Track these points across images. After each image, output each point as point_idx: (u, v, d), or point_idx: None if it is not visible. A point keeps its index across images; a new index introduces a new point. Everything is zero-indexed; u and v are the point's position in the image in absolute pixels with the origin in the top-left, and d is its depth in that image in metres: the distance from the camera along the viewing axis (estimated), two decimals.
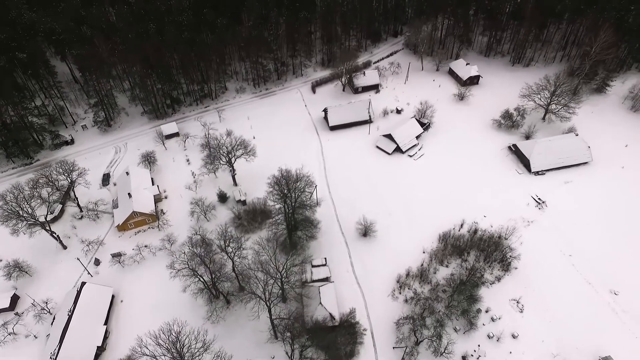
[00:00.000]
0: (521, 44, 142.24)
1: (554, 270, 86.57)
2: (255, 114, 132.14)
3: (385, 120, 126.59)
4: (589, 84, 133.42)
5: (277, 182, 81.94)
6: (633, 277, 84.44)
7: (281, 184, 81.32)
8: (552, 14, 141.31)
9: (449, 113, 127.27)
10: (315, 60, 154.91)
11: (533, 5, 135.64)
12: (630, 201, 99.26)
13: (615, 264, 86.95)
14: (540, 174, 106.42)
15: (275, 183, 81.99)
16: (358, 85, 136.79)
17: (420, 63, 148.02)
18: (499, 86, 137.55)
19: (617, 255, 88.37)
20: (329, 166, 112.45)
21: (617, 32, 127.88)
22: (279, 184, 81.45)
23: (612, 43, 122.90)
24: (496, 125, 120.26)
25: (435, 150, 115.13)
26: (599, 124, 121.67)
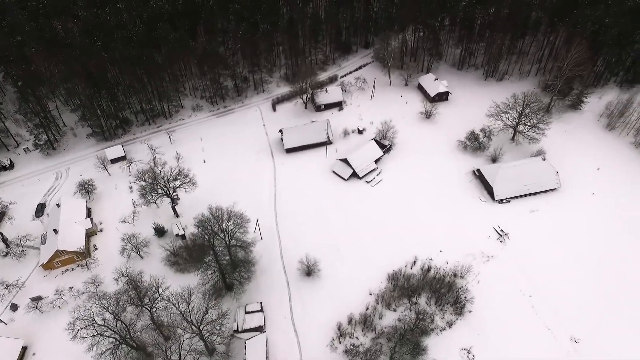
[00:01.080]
0: (494, 57, 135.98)
1: (512, 313, 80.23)
2: (210, 135, 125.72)
3: (345, 141, 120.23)
4: (563, 100, 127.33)
5: (202, 223, 75.38)
6: (597, 321, 78.23)
7: (206, 226, 74.73)
8: (525, 26, 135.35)
9: (413, 133, 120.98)
10: (280, 75, 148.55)
11: (504, 18, 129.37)
12: (598, 233, 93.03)
13: (579, 306, 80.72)
14: (505, 202, 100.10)
15: (200, 224, 75.43)
16: (320, 102, 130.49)
17: (388, 78, 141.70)
18: (469, 103, 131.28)
19: (581, 296, 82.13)
20: (280, 193, 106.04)
21: (591, 47, 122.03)
22: (203, 225, 74.89)
23: (585, 59, 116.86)
24: (462, 147, 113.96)
25: (394, 175, 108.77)
26: (571, 143, 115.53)
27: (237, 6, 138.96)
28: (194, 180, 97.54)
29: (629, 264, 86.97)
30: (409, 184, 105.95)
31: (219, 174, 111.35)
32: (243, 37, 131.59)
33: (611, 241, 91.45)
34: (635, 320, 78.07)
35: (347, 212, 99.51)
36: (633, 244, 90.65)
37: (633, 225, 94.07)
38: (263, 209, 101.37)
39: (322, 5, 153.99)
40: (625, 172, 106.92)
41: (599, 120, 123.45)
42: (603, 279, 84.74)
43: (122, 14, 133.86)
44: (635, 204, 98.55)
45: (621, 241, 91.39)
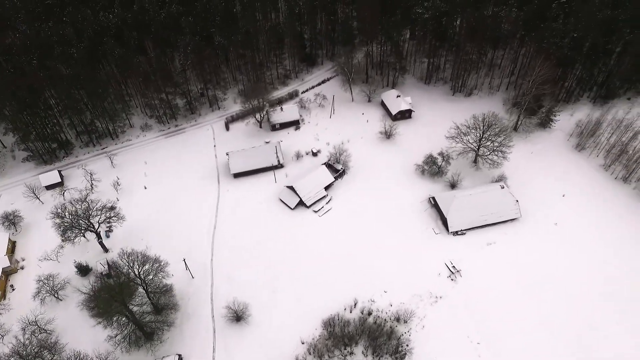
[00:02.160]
0: (460, 71, 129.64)
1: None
2: (156, 157, 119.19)
3: (298, 164, 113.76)
4: (531, 118, 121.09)
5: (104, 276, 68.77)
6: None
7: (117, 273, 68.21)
8: (494, 39, 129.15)
9: (371, 155, 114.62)
10: (238, 90, 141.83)
11: (470, 31, 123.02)
12: (558, 269, 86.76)
13: (531, 356, 74.23)
14: (460, 234, 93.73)
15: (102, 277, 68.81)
16: (275, 122, 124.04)
17: (350, 94, 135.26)
18: (433, 121, 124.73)
19: (535, 344, 75.70)
20: (220, 223, 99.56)
21: (558, 63, 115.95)
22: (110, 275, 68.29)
23: (551, 77, 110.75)
24: (419, 172, 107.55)
25: (345, 203, 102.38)
26: (537, 167, 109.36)
27: (190, 19, 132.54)
28: (121, 215, 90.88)
29: (592, 306, 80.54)
30: (359, 213, 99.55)
31: (158, 202, 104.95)
32: (194, 52, 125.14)
33: (572, 278, 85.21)
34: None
35: (289, 246, 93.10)
36: (595, 282, 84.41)
37: (597, 261, 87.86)
38: (200, 242, 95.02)
39: (282, 18, 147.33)
40: (592, 198, 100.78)
41: (568, 140, 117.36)
42: (557, 323, 78.40)
43: (67, 28, 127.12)
44: (600, 235, 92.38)
45: (583, 279, 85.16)
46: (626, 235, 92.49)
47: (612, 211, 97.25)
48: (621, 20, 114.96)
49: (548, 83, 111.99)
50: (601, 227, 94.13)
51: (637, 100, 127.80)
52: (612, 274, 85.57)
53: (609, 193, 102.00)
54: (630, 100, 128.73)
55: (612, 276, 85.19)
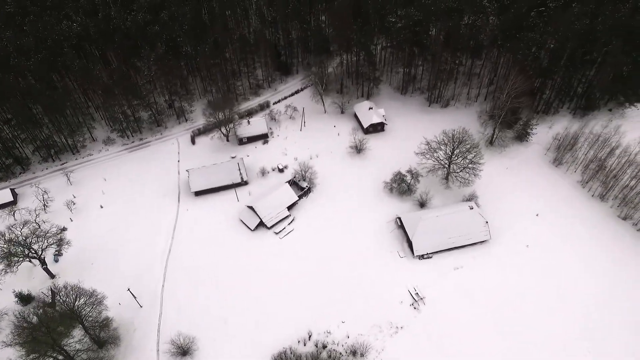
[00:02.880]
0: (434, 83, 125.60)
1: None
2: (117, 173, 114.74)
3: (263, 181, 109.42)
4: (508, 131, 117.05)
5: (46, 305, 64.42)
6: None
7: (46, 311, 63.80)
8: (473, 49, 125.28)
9: (339, 171, 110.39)
10: (207, 101, 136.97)
11: (443, 41, 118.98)
12: (529, 295, 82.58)
13: None
14: (426, 258, 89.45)
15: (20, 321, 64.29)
16: (242, 135, 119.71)
17: (322, 105, 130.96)
18: (407, 134, 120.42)
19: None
20: (176, 246, 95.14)
21: (533, 75, 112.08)
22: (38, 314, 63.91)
23: (526, 90, 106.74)
24: (388, 190, 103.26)
25: (309, 224, 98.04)
26: (511, 183, 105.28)
27: (157, 28, 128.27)
28: (67, 240, 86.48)
29: (565, 335, 76.31)
30: (322, 235, 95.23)
31: (114, 222, 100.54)
32: (158, 63, 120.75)
33: (543, 305, 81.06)
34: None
35: (245, 271, 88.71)
36: (568, 309, 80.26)
37: (570, 286, 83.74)
38: (152, 266, 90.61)
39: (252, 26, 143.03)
40: (567, 218, 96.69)
41: (546, 154, 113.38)
42: (532, 356, 74.14)
43: (26, 38, 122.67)
44: (573, 258, 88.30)
45: (555, 305, 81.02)
46: (601, 258, 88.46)
47: (587, 232, 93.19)
48: (599, 31, 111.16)
49: (523, 96, 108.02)
50: (575, 250, 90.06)
51: (618, 112, 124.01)
52: (586, 300, 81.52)
53: (585, 212, 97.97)
54: (611, 111, 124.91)
55: (586, 302, 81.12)
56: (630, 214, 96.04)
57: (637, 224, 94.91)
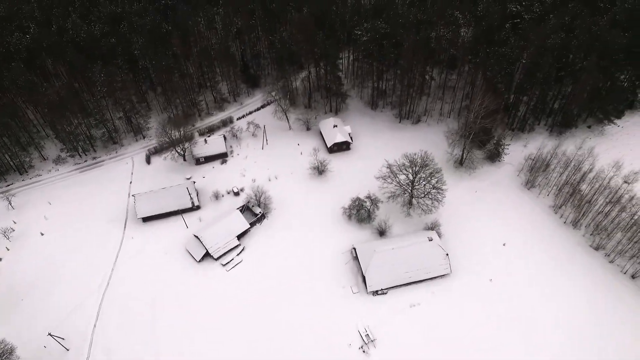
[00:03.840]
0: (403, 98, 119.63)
1: None
2: (64, 197, 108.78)
3: (217, 205, 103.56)
4: (480, 150, 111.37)
5: None
6: None
7: None
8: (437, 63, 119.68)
9: (298, 194, 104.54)
10: (168, 117, 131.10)
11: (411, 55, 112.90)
12: (490, 335, 76.81)
13: None
14: (381, 294, 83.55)
15: None
16: (198, 155, 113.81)
17: (287, 122, 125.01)
18: (374, 153, 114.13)
19: None
20: (115, 279, 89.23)
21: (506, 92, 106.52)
22: None
23: (496, 109, 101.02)
24: (347, 216, 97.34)
25: (260, 255, 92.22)
26: (480, 208, 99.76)
27: (112, 40, 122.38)
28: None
29: None
30: (272, 267, 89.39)
31: (53, 251, 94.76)
32: (111, 77, 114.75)
33: (506, 347, 75.25)
34: None
35: (186, 309, 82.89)
36: (533, 351, 74.47)
37: (535, 325, 78.02)
38: (86, 302, 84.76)
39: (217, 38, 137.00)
40: (536, 247, 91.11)
41: (518, 176, 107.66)
42: None
43: None
44: (540, 295, 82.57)
45: (519, 348, 75.22)
46: (570, 295, 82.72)
47: (556, 265, 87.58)
48: (574, 46, 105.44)
49: (493, 115, 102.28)
50: (542, 285, 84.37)
51: (597, 129, 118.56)
52: (553, 340, 75.82)
53: (556, 241, 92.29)
54: (590, 128, 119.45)
55: (553, 343, 75.41)
56: (602, 243, 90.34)
57: (609, 254, 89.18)
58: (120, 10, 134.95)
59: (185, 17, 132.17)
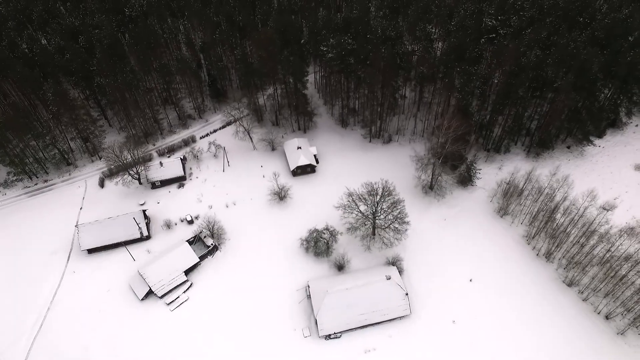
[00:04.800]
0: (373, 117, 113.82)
1: None
2: (7, 224, 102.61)
3: (169, 235, 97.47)
4: (451, 174, 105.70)
5: None
6: None
7: None
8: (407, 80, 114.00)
9: (255, 223, 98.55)
10: (129, 135, 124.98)
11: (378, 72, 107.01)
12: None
13: None
14: (334, 338, 77.47)
15: None
16: (154, 178, 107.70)
17: (251, 142, 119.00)
18: (340, 177, 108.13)
19: None
20: (50, 320, 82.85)
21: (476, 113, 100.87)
22: None
23: (465, 131, 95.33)
24: (304, 249, 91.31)
25: (208, 292, 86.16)
26: (448, 239, 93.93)
27: (67, 56, 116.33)
28: None
29: None
30: (221, 306, 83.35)
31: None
32: (63, 95, 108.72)
33: None
34: None
35: (123, 356, 76.38)
36: None
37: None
38: (15, 347, 78.21)
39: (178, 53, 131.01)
40: (505, 284, 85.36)
41: (491, 202, 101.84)
42: None
43: None
44: (508, 338, 76.61)
45: None
46: (540, 339, 76.80)
47: (525, 304, 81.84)
48: (550, 65, 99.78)
49: (462, 140, 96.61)
50: (509, 327, 78.46)
51: (577, 149, 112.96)
52: None
53: (527, 276, 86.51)
54: (570, 149, 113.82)
55: None
56: (576, 279, 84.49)
57: (582, 292, 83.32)
58: (80, 23, 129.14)
59: (147, 30, 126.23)
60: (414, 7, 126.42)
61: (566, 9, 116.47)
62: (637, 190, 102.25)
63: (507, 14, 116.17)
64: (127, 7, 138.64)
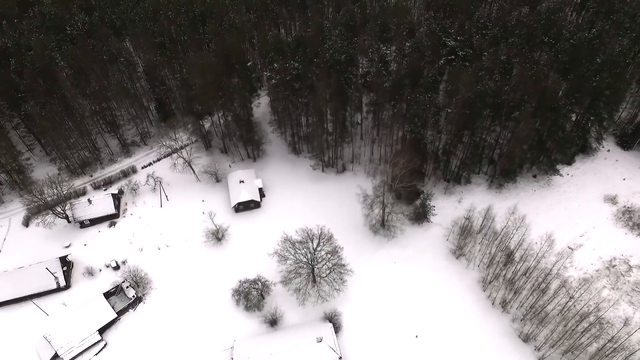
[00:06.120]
0: (322, 147, 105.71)
1: None
2: None
3: (91, 283, 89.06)
4: (406, 206, 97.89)
5: None
6: None
7: None
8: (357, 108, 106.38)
9: (187, 269, 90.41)
10: (62, 165, 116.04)
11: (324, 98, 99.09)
12: None
13: None
14: None
15: None
16: (82, 217, 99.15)
17: (194, 174, 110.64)
18: (286, 212, 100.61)
19: None
20: None
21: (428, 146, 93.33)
22: None
23: (414, 169, 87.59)
24: (235, 300, 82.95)
25: (124, 354, 77.37)
26: (396, 284, 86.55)
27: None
28: None
29: None
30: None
31: None
32: None
33: None
34: None
35: None
36: None
37: None
38: None
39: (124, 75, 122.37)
40: (455, 340, 77.69)
41: (448, 240, 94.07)
42: None
43: None
44: None
45: None
46: None
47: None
48: (507, 92, 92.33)
49: (416, 172, 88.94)
50: None
51: (544, 179, 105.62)
52: None
53: (480, 330, 78.89)
54: (536, 177, 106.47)
55: None
56: (533, 333, 76.67)
57: (539, 348, 75.56)
58: (12, 44, 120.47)
59: (85, 51, 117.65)
60: (371, 25, 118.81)
61: (530, 27, 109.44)
62: (605, 226, 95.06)
63: (469, 33, 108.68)
64: (69, 25, 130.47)
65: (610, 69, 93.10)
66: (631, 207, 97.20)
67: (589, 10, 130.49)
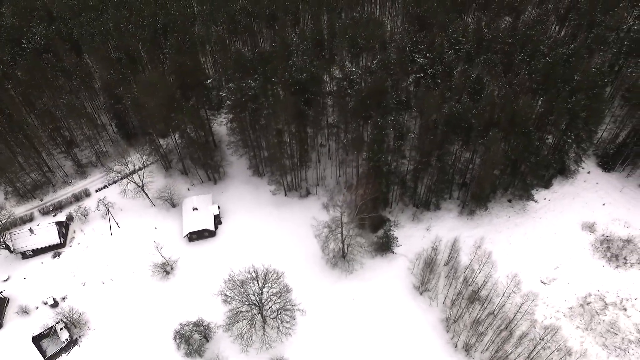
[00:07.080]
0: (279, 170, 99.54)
1: None
2: None
3: (24, 323, 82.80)
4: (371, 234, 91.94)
5: None
6: None
7: None
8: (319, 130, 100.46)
9: (130, 307, 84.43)
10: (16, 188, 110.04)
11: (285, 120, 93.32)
12: None
13: None
14: None
15: None
16: (23, 248, 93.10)
17: (148, 199, 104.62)
18: (243, 241, 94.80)
19: None
20: None
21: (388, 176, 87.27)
22: None
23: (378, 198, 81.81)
24: (177, 345, 76.74)
25: None
26: (353, 325, 79.98)
27: None
28: None
29: None
30: None
31: None
32: None
33: None
34: None
35: None
36: None
37: None
38: None
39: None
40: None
41: (412, 273, 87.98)
42: None
43: None
44: None
45: None
46: None
47: None
48: (475, 115, 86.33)
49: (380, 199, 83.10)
50: None
51: (519, 204, 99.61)
52: None
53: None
54: (511, 202, 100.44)
55: None
56: None
57: None
58: None
59: (37, 66, 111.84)
60: (338, 40, 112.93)
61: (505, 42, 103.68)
62: (581, 257, 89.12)
63: (440, 49, 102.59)
64: (25, 38, 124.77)
65: (587, 90, 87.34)
66: (610, 236, 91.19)
67: (570, 23, 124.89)
